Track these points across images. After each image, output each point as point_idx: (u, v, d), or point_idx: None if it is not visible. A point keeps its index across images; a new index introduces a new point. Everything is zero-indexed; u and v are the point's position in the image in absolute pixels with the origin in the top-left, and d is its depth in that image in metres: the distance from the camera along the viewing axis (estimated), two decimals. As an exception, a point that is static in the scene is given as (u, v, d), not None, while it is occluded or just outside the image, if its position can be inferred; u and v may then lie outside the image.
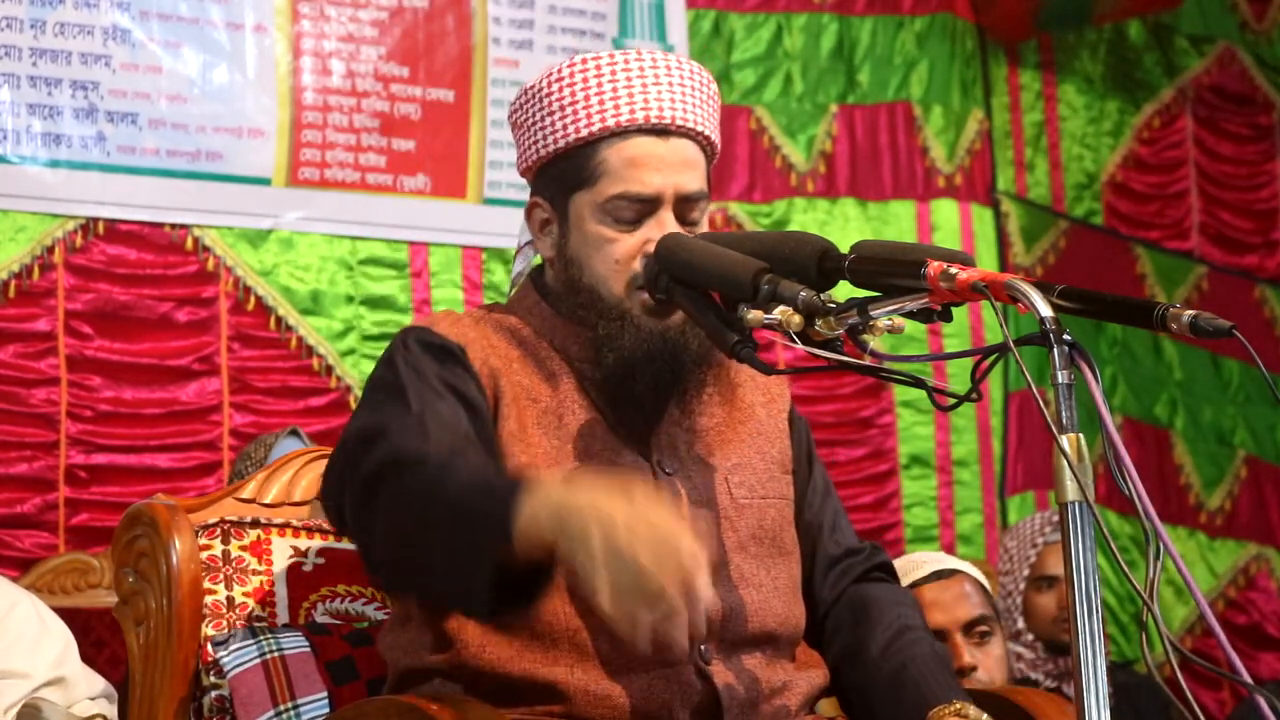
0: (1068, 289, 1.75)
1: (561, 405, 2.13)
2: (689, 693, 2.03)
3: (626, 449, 2.13)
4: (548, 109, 2.15)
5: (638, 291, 2.11)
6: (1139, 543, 5.30)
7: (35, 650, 2.94)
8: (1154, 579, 1.63)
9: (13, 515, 4.07)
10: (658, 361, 2.11)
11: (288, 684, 2.20)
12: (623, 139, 2.11)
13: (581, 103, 2.12)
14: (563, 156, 2.14)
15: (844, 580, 2.28)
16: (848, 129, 5.30)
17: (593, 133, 2.11)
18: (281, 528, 2.39)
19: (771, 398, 2.30)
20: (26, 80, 4.17)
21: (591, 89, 2.12)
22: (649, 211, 2.10)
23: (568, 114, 2.13)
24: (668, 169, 2.11)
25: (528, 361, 2.16)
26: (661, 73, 2.13)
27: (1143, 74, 5.91)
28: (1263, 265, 6.02)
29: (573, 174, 2.13)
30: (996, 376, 5.36)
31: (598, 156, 2.11)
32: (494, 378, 2.11)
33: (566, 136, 2.13)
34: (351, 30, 4.57)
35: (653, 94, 2.12)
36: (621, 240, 2.10)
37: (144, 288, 4.28)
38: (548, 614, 2.03)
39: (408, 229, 4.61)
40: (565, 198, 2.15)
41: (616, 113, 2.11)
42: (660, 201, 2.10)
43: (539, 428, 2.10)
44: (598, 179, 2.11)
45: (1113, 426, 1.66)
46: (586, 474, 2.02)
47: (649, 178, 2.10)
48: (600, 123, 2.11)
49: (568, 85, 2.14)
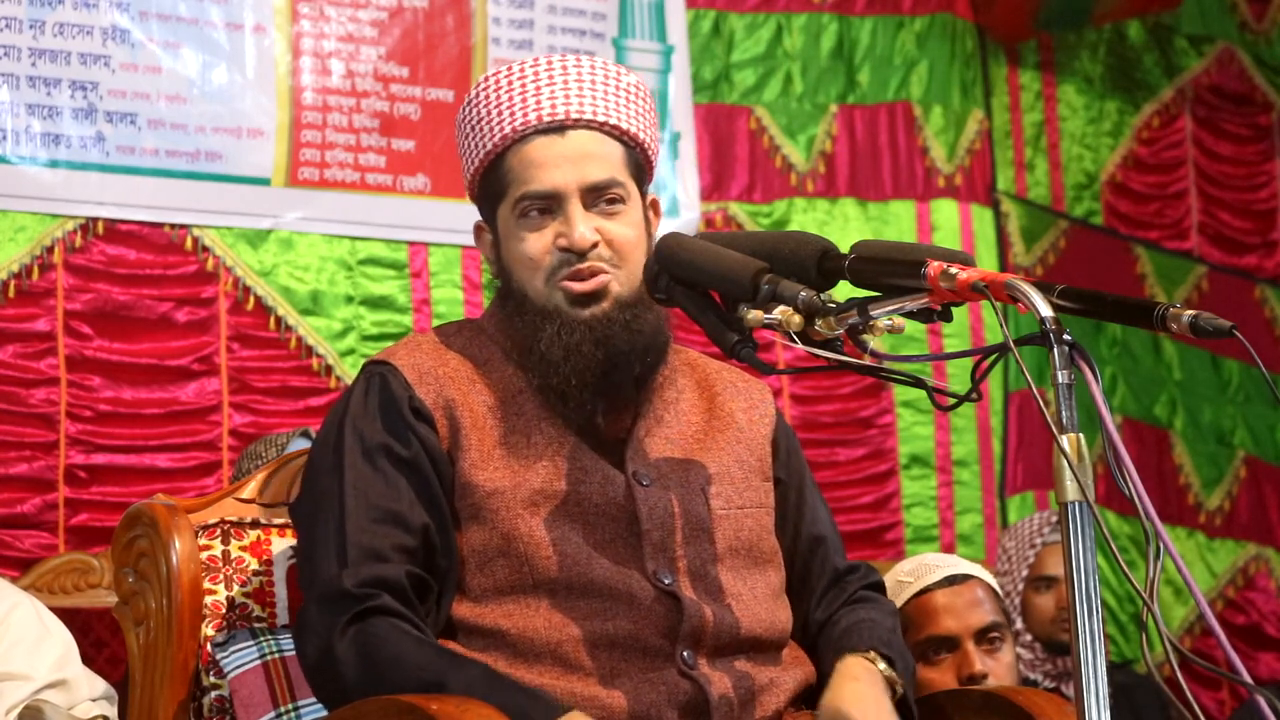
0: (1068, 289, 1.75)
1: (529, 424, 2.15)
2: (676, 694, 2.04)
3: (601, 461, 2.14)
4: (465, 133, 2.23)
5: (557, 286, 2.14)
6: (1139, 543, 5.30)
7: (36, 652, 2.94)
8: (1154, 579, 1.63)
9: (13, 515, 4.06)
10: (589, 348, 2.12)
11: (288, 685, 2.20)
12: (523, 143, 2.17)
13: (485, 119, 2.19)
14: (483, 175, 2.21)
15: (836, 602, 2.28)
16: (848, 129, 5.30)
17: (496, 144, 2.18)
18: (281, 528, 2.39)
19: (753, 404, 2.30)
20: (26, 80, 4.16)
21: (492, 103, 2.19)
22: (554, 207, 2.15)
23: (480, 131, 2.20)
24: (566, 164, 2.15)
25: (492, 382, 2.18)
26: (557, 73, 2.19)
27: (1142, 74, 5.91)
28: (1261, 265, 6.02)
29: (492, 187, 2.20)
30: (996, 376, 5.36)
31: (504, 165, 2.18)
32: (449, 410, 2.13)
33: (481, 152, 2.20)
34: (351, 30, 4.57)
35: (545, 94, 2.17)
36: (531, 239, 2.15)
37: (143, 288, 4.28)
38: (529, 632, 2.05)
39: (407, 229, 4.61)
40: (492, 212, 2.22)
41: (513, 119, 2.17)
42: (562, 196, 2.15)
43: (504, 448, 2.12)
44: (506, 186, 2.17)
45: (1113, 426, 1.65)
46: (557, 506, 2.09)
47: (545, 175, 2.15)
48: (501, 132, 2.17)
49: (475, 106, 2.21)
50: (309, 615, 2.06)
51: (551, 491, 2.09)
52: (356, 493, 2.08)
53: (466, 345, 2.21)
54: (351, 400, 2.16)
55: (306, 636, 2.05)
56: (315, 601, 2.06)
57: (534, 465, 2.11)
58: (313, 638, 2.03)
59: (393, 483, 2.09)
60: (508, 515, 2.08)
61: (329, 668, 2.01)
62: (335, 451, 2.12)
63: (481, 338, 2.23)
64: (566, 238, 2.14)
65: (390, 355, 2.19)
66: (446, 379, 2.15)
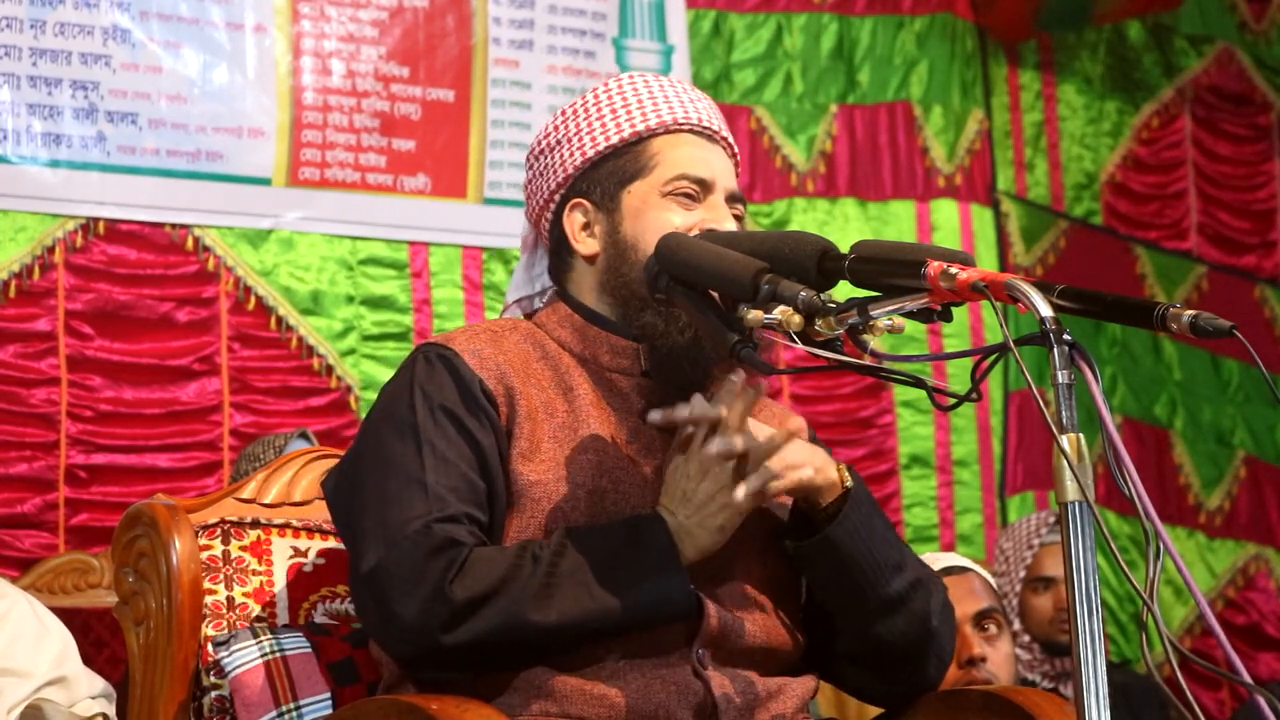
0: (1068, 289, 1.75)
1: (578, 419, 2.15)
2: (686, 693, 2.04)
3: (641, 461, 2.15)
4: (596, 114, 2.25)
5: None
6: (1139, 543, 5.30)
7: (36, 649, 2.94)
8: (1154, 579, 1.63)
9: (13, 515, 4.07)
10: (695, 350, 2.14)
11: (290, 685, 2.20)
12: (675, 135, 2.24)
13: (634, 105, 2.25)
14: (612, 155, 2.23)
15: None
16: (848, 129, 5.30)
17: (649, 128, 2.23)
18: (281, 528, 2.39)
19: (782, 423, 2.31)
20: (26, 80, 4.17)
21: (643, 94, 2.26)
22: (702, 196, 2.21)
23: (619, 115, 2.24)
24: (717, 164, 2.24)
25: (546, 376, 2.18)
26: (698, 96, 2.31)
27: (1142, 74, 5.91)
28: (1261, 265, 6.02)
29: (626, 167, 2.23)
30: (996, 376, 5.36)
31: (652, 149, 2.23)
32: (509, 396, 2.14)
33: (620, 132, 2.23)
34: (351, 30, 4.57)
35: (690, 106, 2.27)
36: (682, 215, 2.19)
37: (144, 288, 4.28)
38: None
39: (408, 229, 4.61)
40: (617, 191, 2.23)
41: (671, 111, 2.24)
42: (714, 187, 2.22)
43: (553, 441, 2.13)
44: (654, 168, 2.22)
45: (1113, 426, 1.65)
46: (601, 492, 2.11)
47: (704, 165, 2.23)
48: (656, 118, 2.23)
49: (617, 93, 2.27)
50: (403, 568, 2.00)
51: (592, 488, 2.10)
52: (435, 455, 2.07)
53: (522, 340, 2.22)
54: (416, 372, 2.15)
55: (404, 589, 1.99)
56: (408, 556, 2.00)
57: (578, 459, 2.12)
58: (414, 588, 1.98)
59: (462, 454, 2.09)
60: (547, 507, 2.09)
61: (440, 613, 1.98)
62: (409, 413, 2.11)
63: (538, 333, 2.25)
64: (715, 225, 2.18)
65: (449, 340, 2.19)
66: (506, 366, 2.17)
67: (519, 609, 1.98)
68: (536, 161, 2.30)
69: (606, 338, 2.21)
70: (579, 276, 2.26)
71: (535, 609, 1.98)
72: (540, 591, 1.98)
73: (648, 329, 2.16)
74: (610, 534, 2.05)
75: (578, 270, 2.26)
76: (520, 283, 2.38)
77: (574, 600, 1.99)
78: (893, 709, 2.28)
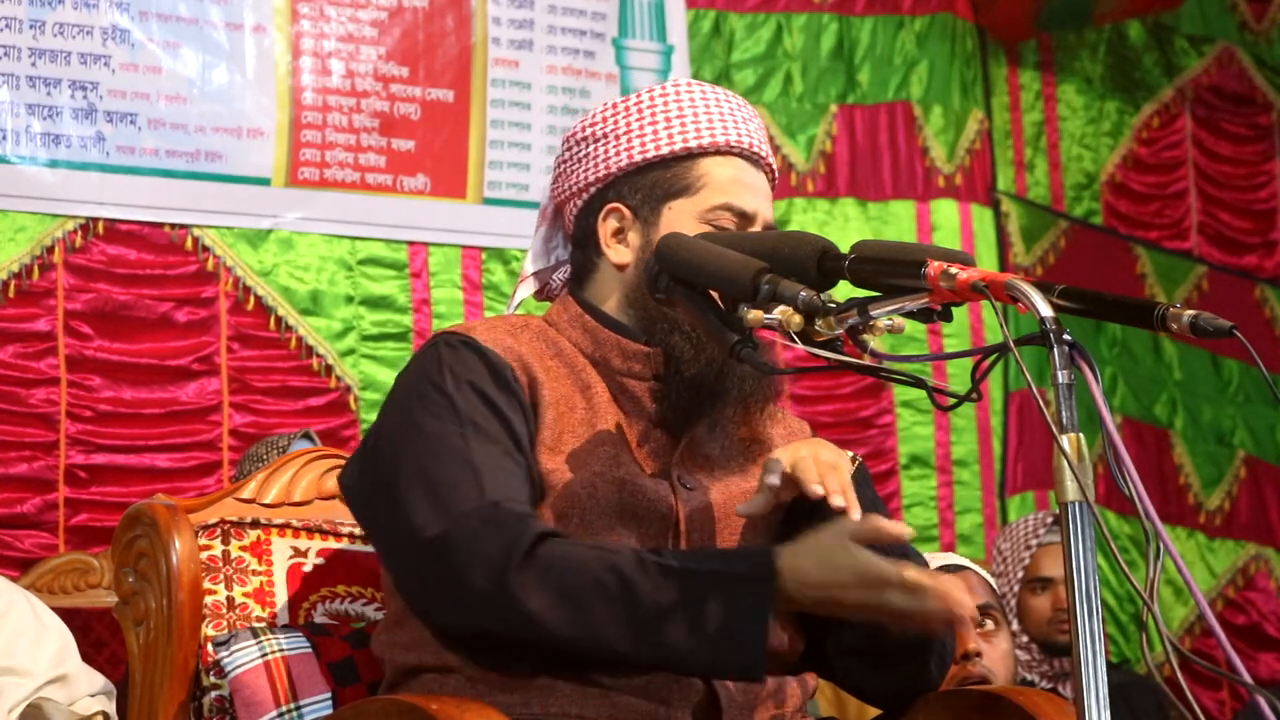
0: (1068, 289, 1.75)
1: (596, 415, 2.15)
2: (687, 692, 2.04)
3: (649, 462, 2.15)
4: (649, 118, 2.23)
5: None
6: (1139, 543, 5.30)
7: (36, 648, 2.94)
8: (1154, 579, 1.63)
9: (13, 515, 4.07)
10: (718, 382, 2.15)
11: (290, 685, 2.20)
12: (725, 157, 2.22)
13: (690, 118, 2.22)
14: (658, 164, 2.22)
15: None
16: (848, 129, 5.30)
17: (701, 146, 2.21)
18: (281, 528, 2.39)
19: (791, 432, 2.33)
20: (26, 80, 4.17)
21: (699, 108, 2.23)
22: (745, 225, 2.20)
23: (674, 124, 2.22)
24: (760, 195, 2.23)
25: (563, 372, 2.18)
26: (750, 115, 2.27)
27: (1142, 74, 5.91)
28: (1261, 265, 6.02)
29: (670, 182, 2.21)
30: (996, 376, 5.36)
31: (700, 169, 2.21)
32: (532, 386, 2.14)
33: (672, 144, 2.21)
34: (351, 30, 4.57)
35: (744, 128, 2.25)
36: None
37: (144, 288, 4.28)
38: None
39: (407, 229, 4.61)
40: (659, 204, 2.21)
41: (725, 132, 2.22)
42: (754, 220, 2.21)
43: (570, 435, 2.13)
44: (700, 189, 2.20)
45: (1113, 426, 1.65)
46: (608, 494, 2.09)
47: (750, 198, 2.21)
48: (710, 137, 2.21)
49: (674, 101, 2.24)
50: (474, 537, 1.98)
51: (604, 483, 2.10)
52: (477, 430, 2.06)
53: (535, 337, 2.22)
54: (442, 354, 2.13)
55: (473, 565, 1.97)
56: (475, 530, 1.98)
57: (594, 453, 2.12)
58: (482, 566, 1.96)
59: (500, 433, 2.08)
60: (557, 500, 2.09)
61: (510, 594, 1.96)
62: (438, 392, 2.09)
63: (550, 331, 2.24)
64: None
65: (469, 330, 2.18)
66: (529, 356, 2.17)
67: (586, 619, 1.95)
68: (577, 147, 2.27)
69: (617, 341, 2.20)
70: (603, 279, 2.25)
71: (605, 626, 1.95)
72: (618, 613, 1.95)
73: (674, 352, 2.16)
74: (715, 583, 1.96)
75: (602, 273, 2.25)
76: (538, 253, 2.36)
77: (645, 641, 1.95)
78: (893, 708, 2.27)
